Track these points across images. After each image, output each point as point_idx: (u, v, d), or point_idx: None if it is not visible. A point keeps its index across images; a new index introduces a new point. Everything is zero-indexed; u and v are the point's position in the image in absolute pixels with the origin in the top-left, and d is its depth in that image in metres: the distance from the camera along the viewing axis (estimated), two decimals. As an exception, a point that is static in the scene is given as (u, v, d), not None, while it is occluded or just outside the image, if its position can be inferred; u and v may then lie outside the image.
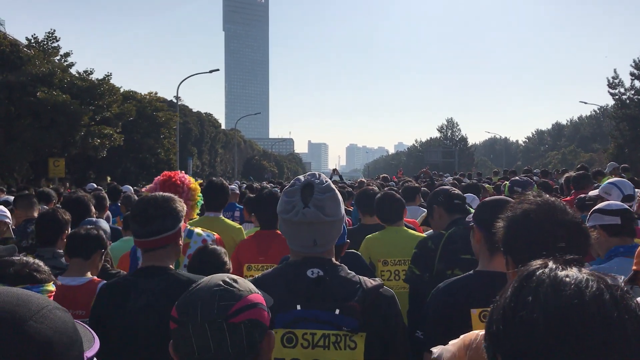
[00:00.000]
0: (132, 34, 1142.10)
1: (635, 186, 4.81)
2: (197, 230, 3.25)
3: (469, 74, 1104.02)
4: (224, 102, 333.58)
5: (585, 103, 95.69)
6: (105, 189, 9.09)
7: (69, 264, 2.94)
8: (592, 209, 3.05)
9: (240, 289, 1.19)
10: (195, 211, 3.44)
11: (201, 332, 1.12)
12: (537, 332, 0.73)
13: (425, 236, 3.72)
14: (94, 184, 14.17)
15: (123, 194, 8.11)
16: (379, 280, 1.78)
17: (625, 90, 35.76)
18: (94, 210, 4.60)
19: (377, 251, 3.88)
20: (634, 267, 2.11)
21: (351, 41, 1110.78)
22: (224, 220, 4.26)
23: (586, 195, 4.72)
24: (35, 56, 23.71)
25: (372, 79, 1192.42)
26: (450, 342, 1.45)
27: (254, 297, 1.19)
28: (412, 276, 3.27)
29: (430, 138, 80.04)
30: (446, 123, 75.75)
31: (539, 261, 0.83)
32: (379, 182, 12.06)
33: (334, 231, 1.76)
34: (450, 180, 12.54)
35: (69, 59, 26.71)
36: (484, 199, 2.50)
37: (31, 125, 22.01)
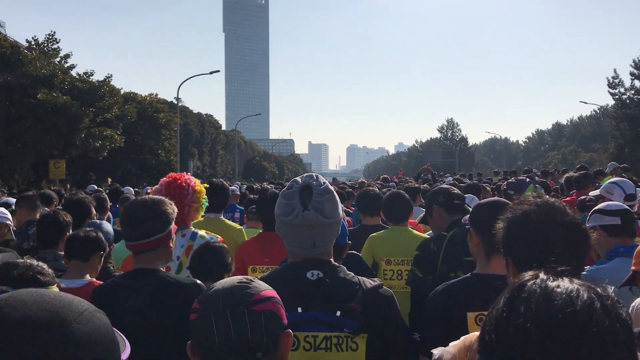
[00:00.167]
0: (132, 35, 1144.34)
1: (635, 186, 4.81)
2: (200, 232, 3.25)
3: (469, 74, 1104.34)
4: (224, 103, 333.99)
5: (585, 103, 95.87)
6: (106, 190, 9.08)
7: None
8: (592, 210, 3.06)
9: (257, 285, 1.24)
10: (200, 214, 3.43)
11: (223, 318, 1.16)
12: (530, 342, 0.74)
13: (427, 237, 3.71)
14: (94, 186, 14.14)
15: (121, 196, 8.08)
16: (378, 280, 1.79)
17: (626, 90, 35.79)
18: (94, 212, 4.60)
19: (381, 250, 3.88)
20: (632, 267, 2.11)
21: (351, 41, 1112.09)
22: (225, 221, 4.26)
23: (587, 196, 4.71)
24: (35, 58, 23.73)
25: (372, 79, 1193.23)
26: (450, 343, 1.45)
27: (271, 292, 1.25)
28: (414, 279, 3.20)
29: (431, 138, 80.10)
30: (446, 123, 75.85)
31: (530, 272, 0.84)
32: (379, 183, 12.08)
33: (332, 232, 1.76)
34: (450, 181, 12.53)
35: (70, 61, 26.78)
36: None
37: (32, 126, 22.03)
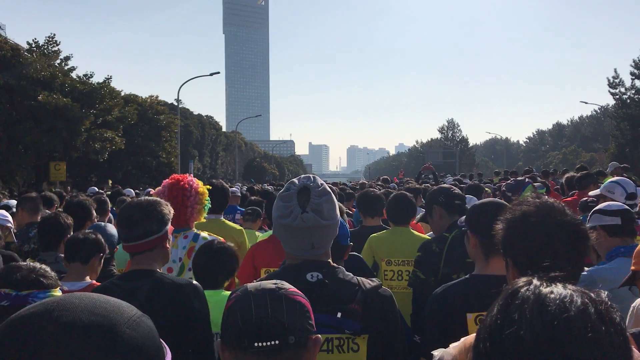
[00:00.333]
0: (132, 37, 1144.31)
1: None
2: (203, 234, 3.25)
3: (469, 74, 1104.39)
4: (224, 105, 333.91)
5: (585, 103, 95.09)
6: (107, 192, 9.07)
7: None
8: (592, 210, 3.06)
9: (291, 286, 1.28)
10: (203, 215, 3.43)
11: (261, 298, 1.20)
12: (524, 349, 0.74)
13: (428, 238, 3.70)
14: (95, 188, 14.14)
15: (118, 198, 8.06)
16: (377, 280, 1.79)
17: (626, 89, 35.82)
18: (95, 214, 4.61)
19: (382, 251, 3.88)
20: (632, 267, 2.11)
21: (351, 42, 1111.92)
22: (225, 222, 4.27)
23: (589, 197, 4.70)
24: (36, 60, 23.75)
25: (372, 79, 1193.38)
26: (451, 344, 1.45)
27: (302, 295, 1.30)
28: (416, 280, 3.16)
29: (431, 139, 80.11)
30: (447, 124, 75.83)
31: (523, 279, 0.84)
32: (379, 184, 12.06)
33: (331, 233, 1.77)
34: (450, 182, 12.52)
35: (70, 63, 26.81)
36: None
37: (32, 129, 22.00)
